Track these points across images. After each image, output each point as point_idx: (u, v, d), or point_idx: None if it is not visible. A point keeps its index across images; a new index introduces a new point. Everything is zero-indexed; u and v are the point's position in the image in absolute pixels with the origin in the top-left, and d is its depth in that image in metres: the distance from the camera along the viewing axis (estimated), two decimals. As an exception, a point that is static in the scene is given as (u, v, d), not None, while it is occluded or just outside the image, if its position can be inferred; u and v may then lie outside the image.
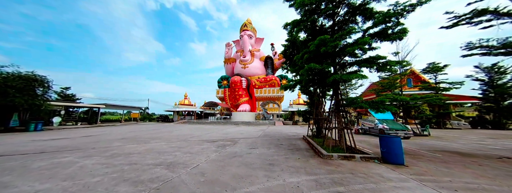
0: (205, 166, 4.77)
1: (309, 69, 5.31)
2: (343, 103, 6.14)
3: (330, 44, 4.96)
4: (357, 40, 4.97)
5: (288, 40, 9.05)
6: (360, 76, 4.95)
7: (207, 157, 5.85)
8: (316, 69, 5.18)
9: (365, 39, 4.67)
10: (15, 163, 4.99)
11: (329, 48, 4.97)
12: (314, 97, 9.34)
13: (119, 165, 4.86)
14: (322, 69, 5.35)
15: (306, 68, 5.40)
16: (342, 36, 5.22)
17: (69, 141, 9.46)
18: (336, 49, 5.24)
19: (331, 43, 4.95)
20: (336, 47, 5.09)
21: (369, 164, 4.79)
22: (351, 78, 5.04)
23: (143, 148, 7.55)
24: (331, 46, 4.97)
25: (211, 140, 10.03)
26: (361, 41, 4.72)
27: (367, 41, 4.70)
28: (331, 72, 5.89)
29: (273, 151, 6.71)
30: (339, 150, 5.71)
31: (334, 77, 5.12)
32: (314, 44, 5.32)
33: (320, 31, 6.75)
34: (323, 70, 5.50)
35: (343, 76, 5.04)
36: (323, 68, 5.27)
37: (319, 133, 9.46)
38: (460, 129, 18.52)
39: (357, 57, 5.75)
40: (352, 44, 5.15)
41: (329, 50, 5.00)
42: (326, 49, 5.01)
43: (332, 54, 5.77)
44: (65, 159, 5.56)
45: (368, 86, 35.17)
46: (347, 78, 5.01)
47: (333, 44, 4.94)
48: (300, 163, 4.86)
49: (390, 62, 5.00)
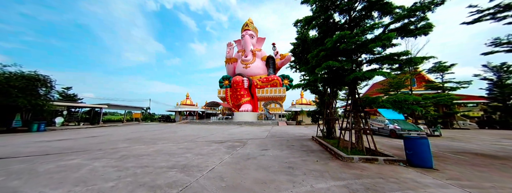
0: (221, 169, 4.53)
1: (327, 67, 5.06)
2: (360, 103, 5.90)
3: (351, 40, 4.71)
4: (380, 35, 4.70)
5: (298, 38, 8.82)
6: (385, 74, 4.67)
7: (220, 159, 5.62)
8: (334, 66, 4.93)
9: (390, 35, 4.40)
10: (21, 166, 4.76)
11: (350, 44, 4.72)
12: (325, 96, 9.11)
13: (131, 168, 4.63)
14: (341, 67, 5.10)
15: (323, 66, 5.15)
16: (364, 31, 4.97)
17: (73, 142, 9.24)
18: (355, 45, 4.96)
19: (352, 39, 4.70)
20: (357, 43, 4.83)
21: (395, 168, 4.54)
22: (374, 75, 4.77)
23: (151, 149, 7.32)
24: (352, 43, 4.72)
25: (219, 141, 9.79)
26: (385, 37, 4.46)
27: (392, 37, 4.44)
28: (350, 70, 5.63)
29: (286, 152, 6.48)
30: (357, 152, 5.47)
31: (355, 75, 4.86)
32: (332, 40, 5.07)
33: (335, 28, 6.51)
34: (342, 68, 5.24)
35: (365, 74, 4.78)
36: (342, 65, 5.02)
37: (330, 134, 9.21)
38: (468, 129, 18.26)
39: (377, 54, 5.47)
40: (373, 39, 4.87)
41: (349, 46, 4.75)
42: (346, 45, 4.76)
43: (350, 51, 5.53)
44: (72, 161, 5.33)
45: (370, 86, 34.92)
46: (370, 76, 4.75)
47: (354, 40, 4.69)
48: (320, 166, 4.62)
49: (415, 58, 4.72)
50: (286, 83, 38.67)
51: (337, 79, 5.89)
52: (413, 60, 4.71)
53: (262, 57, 42.06)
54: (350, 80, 5.11)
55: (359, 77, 4.86)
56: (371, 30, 4.93)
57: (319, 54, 5.64)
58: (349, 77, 5.03)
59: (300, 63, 9.48)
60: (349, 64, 5.15)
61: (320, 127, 10.03)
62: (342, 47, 4.82)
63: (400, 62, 4.92)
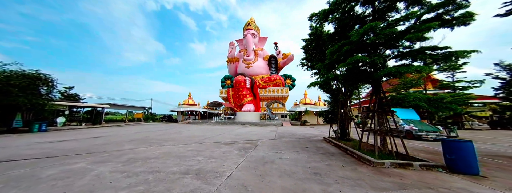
0: (241, 175, 4.12)
1: (354, 62, 4.62)
2: (386, 102, 5.47)
3: (383, 31, 4.27)
4: (418, 26, 4.24)
5: (312, 34, 8.39)
6: (425, 68, 4.20)
7: (236, 163, 5.21)
8: (363, 61, 4.49)
9: (431, 24, 3.95)
10: (21, 171, 4.36)
11: (381, 36, 4.29)
12: (340, 95, 8.68)
13: (141, 174, 4.22)
14: (370, 62, 4.66)
15: (348, 61, 4.71)
16: (397, 22, 4.52)
17: (76, 143, 8.85)
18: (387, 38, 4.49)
19: (384, 31, 4.27)
20: (390, 35, 4.39)
21: (437, 174, 4.08)
22: (409, 71, 4.29)
23: (158, 151, 6.92)
24: (384, 35, 4.29)
25: (227, 142, 9.38)
26: (424, 27, 4.01)
27: (433, 27, 3.99)
28: (379, 65, 5.18)
29: (304, 156, 6.05)
30: (385, 156, 5.05)
31: (389, 71, 4.42)
32: (358, 33, 4.64)
33: (356, 21, 6.07)
34: (370, 63, 4.80)
35: (400, 69, 4.33)
36: (373, 60, 4.58)
37: (344, 135, 8.79)
38: (480, 130, 17.77)
39: (406, 48, 5.02)
40: (404, 32, 4.41)
41: (381, 39, 4.31)
42: (377, 38, 4.33)
43: (376, 45, 5.10)
44: (77, 165, 4.93)
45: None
46: (406, 71, 4.30)
47: (387, 32, 4.25)
48: (350, 172, 4.19)
49: (458, 52, 4.24)
50: (288, 83, 38.25)
51: (361, 76, 5.45)
52: (456, 54, 4.19)
53: (264, 57, 41.66)
54: (379, 76, 4.68)
55: (392, 73, 4.42)
56: (407, 20, 4.48)
57: (341, 48, 5.21)
58: (379, 73, 4.59)
59: (312, 60, 9.04)
60: (381, 58, 4.71)
61: (333, 127, 9.60)
62: (371, 40, 4.39)
63: (437, 56, 4.48)
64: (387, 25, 4.53)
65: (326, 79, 6.51)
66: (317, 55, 8.61)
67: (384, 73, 4.51)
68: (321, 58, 8.58)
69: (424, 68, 4.15)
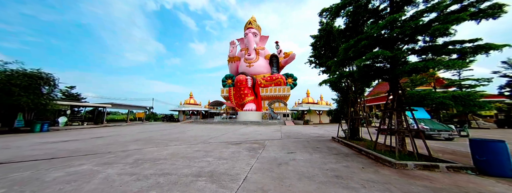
0: (257, 178, 3.89)
1: (373, 57, 4.37)
2: (406, 99, 5.23)
3: (408, 24, 4.01)
4: (443, 18, 3.98)
5: (322, 30, 8.14)
6: (458, 64, 3.90)
7: (248, 164, 4.98)
8: (385, 56, 4.24)
9: (461, 15, 3.68)
10: (25, 174, 4.14)
11: (406, 29, 4.02)
12: (350, 94, 8.44)
13: (151, 176, 4.00)
14: (393, 57, 4.40)
15: (368, 57, 4.46)
16: (423, 13, 4.26)
17: (80, 143, 8.64)
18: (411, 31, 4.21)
19: (409, 23, 4.00)
20: (415, 28, 4.12)
21: (469, 177, 3.85)
22: (440, 65, 3.99)
23: (165, 152, 6.70)
24: (409, 27, 4.02)
25: (233, 142, 9.17)
26: (452, 18, 3.73)
27: (462, 18, 3.72)
28: (400, 61, 4.91)
29: (318, 156, 5.82)
30: (406, 157, 4.81)
31: (414, 66, 4.14)
32: (379, 26, 4.39)
33: (370, 15, 5.81)
34: (392, 58, 4.53)
35: (428, 64, 4.03)
36: (396, 55, 4.33)
37: (354, 135, 8.55)
38: (488, 129, 17.53)
39: (428, 42, 4.75)
40: (429, 24, 4.13)
41: (408, 31, 4.04)
42: (402, 31, 4.07)
43: (394, 40, 4.84)
44: (83, 167, 4.72)
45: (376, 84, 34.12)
46: (434, 66, 4.01)
47: (413, 24, 3.99)
48: (373, 174, 3.96)
49: (491, 45, 3.93)
50: (290, 82, 37.98)
51: (378, 72, 5.20)
52: (487, 46, 3.88)
53: (266, 56, 41.39)
54: (401, 72, 4.42)
55: (418, 68, 4.15)
56: (433, 11, 4.21)
57: (358, 43, 4.96)
58: (402, 68, 4.32)
59: (321, 58, 8.78)
60: (404, 53, 4.46)
61: (342, 127, 9.36)
62: (394, 33, 4.12)
63: (466, 50, 4.20)
64: (410, 17, 4.28)
65: (339, 76, 6.26)
66: (327, 52, 8.36)
67: (408, 68, 4.24)
68: (331, 55, 8.34)
69: (457, 63, 3.86)
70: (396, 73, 4.67)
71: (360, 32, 6.75)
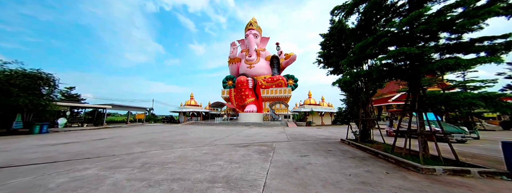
0: (278, 184, 3.62)
1: (397, 55, 4.13)
2: (428, 100, 5.01)
3: (436, 19, 3.79)
4: (473, 13, 3.75)
5: (333, 28, 7.93)
6: (494, 59, 3.64)
7: (263, 168, 4.72)
8: (412, 53, 3.99)
9: (492, 8, 3.44)
10: (27, 180, 3.85)
11: (433, 25, 3.79)
12: (361, 94, 8.22)
13: (163, 182, 3.72)
14: (418, 55, 4.16)
15: (390, 54, 4.22)
16: (450, 8, 4.03)
17: (81, 145, 8.33)
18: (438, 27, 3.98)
19: (437, 18, 3.77)
20: (443, 23, 3.88)
21: (507, 184, 3.60)
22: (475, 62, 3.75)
23: (172, 155, 6.42)
24: (435, 23, 3.80)
25: (240, 144, 8.90)
26: (483, 12, 3.50)
27: (493, 11, 3.48)
28: (425, 59, 4.68)
29: (334, 160, 5.57)
30: (431, 161, 4.57)
31: (444, 63, 3.89)
32: (402, 22, 4.17)
33: (386, 13, 5.60)
34: (419, 56, 4.30)
35: (460, 61, 3.78)
36: (423, 51, 4.09)
37: (365, 137, 8.31)
38: (493, 131, 17.38)
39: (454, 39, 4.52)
40: (456, 18, 3.91)
41: (434, 27, 3.82)
42: (427, 27, 3.84)
43: (413, 38, 4.62)
44: (88, 171, 4.43)
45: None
46: (468, 64, 3.78)
47: (442, 19, 3.76)
48: (402, 181, 3.69)
49: None
50: (290, 83, 37.86)
51: (397, 71, 4.96)
52: None
53: (266, 57, 41.28)
54: (427, 70, 4.18)
55: (448, 66, 3.90)
56: (461, 6, 3.99)
57: (377, 41, 4.74)
58: (431, 66, 4.07)
59: (331, 57, 8.55)
60: (432, 50, 4.23)
61: (352, 128, 9.12)
62: (419, 29, 3.89)
63: (498, 46, 3.97)
64: (437, 12, 4.07)
65: (355, 76, 6.04)
66: (338, 51, 8.14)
67: (437, 66, 4.00)
68: (341, 55, 8.12)
69: (494, 59, 3.63)
70: (422, 71, 4.44)
71: (372, 31, 6.54)
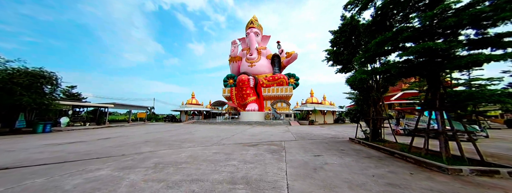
0: (301, 186, 3.50)
1: (421, 51, 3.98)
2: (450, 98, 4.89)
3: (468, 12, 3.61)
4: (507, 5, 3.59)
5: (344, 25, 7.78)
6: None
7: (280, 169, 4.60)
8: (437, 49, 3.85)
9: None
10: (40, 181, 3.71)
11: (464, 18, 3.61)
12: (372, 92, 8.10)
13: (182, 183, 3.60)
14: (446, 49, 4.00)
15: (414, 50, 4.05)
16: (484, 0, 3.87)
17: (88, 145, 8.20)
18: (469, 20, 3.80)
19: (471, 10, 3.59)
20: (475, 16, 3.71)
21: None
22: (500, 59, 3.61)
23: (183, 154, 6.29)
24: (467, 16, 3.63)
25: (248, 143, 8.78)
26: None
27: None
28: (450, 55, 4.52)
29: (350, 160, 5.45)
30: (454, 161, 4.45)
31: (476, 59, 3.72)
32: (427, 15, 4.02)
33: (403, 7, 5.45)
34: (445, 51, 4.14)
35: (493, 56, 3.59)
36: (451, 47, 3.94)
37: (376, 136, 8.20)
38: (499, 129, 17.33)
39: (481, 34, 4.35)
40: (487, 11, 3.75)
41: (465, 20, 3.65)
42: (458, 20, 3.66)
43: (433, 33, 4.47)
44: (101, 172, 4.30)
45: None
46: (497, 59, 3.62)
47: (474, 11, 3.58)
48: (431, 182, 3.57)
49: None
50: (292, 82, 37.66)
51: (418, 68, 4.82)
52: None
53: (267, 56, 41.06)
54: (454, 66, 4.03)
55: (476, 62, 3.75)
56: None
57: (397, 36, 4.59)
58: (458, 62, 3.91)
59: (341, 54, 8.39)
60: (460, 45, 4.08)
61: (361, 127, 9.02)
62: (450, 22, 3.73)
63: None
64: (467, 5, 3.91)
65: (371, 73, 5.89)
66: (349, 48, 7.99)
67: (465, 62, 3.82)
68: (353, 52, 7.98)
69: None
70: (447, 68, 4.31)
71: (388, 27, 6.39)
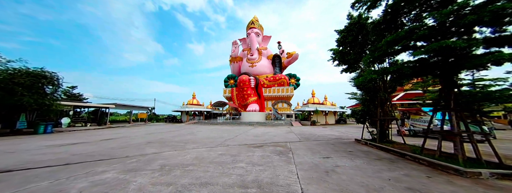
0: (316, 191, 3.35)
1: (438, 49, 3.85)
2: (462, 98, 4.77)
3: (489, 7, 3.47)
4: None
5: (352, 24, 7.65)
6: None
7: (290, 172, 4.46)
8: (455, 47, 3.72)
9: None
10: (45, 185, 3.58)
11: (486, 14, 3.48)
12: (380, 92, 7.96)
13: (191, 187, 3.47)
14: (465, 48, 3.88)
15: (431, 48, 3.91)
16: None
17: (91, 146, 8.07)
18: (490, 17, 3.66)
19: (495, 5, 3.46)
20: (496, 12, 3.58)
21: None
22: None
23: (188, 156, 6.16)
24: (488, 13, 3.48)
25: (253, 144, 8.65)
26: None
27: None
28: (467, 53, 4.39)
29: (361, 162, 5.31)
30: (472, 163, 4.32)
31: (501, 57, 3.60)
32: (442, 13, 3.88)
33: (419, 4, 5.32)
34: (464, 49, 4.01)
35: None
36: (470, 45, 3.82)
37: (384, 137, 8.07)
38: (504, 130, 17.20)
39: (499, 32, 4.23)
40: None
41: (486, 18, 3.51)
42: (478, 17, 3.54)
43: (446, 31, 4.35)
44: (107, 175, 4.17)
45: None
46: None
47: (496, 8, 3.44)
48: (451, 186, 3.41)
49: None
50: (293, 82, 37.51)
51: (432, 67, 4.69)
52: None
53: (268, 56, 40.96)
54: (474, 65, 3.91)
55: (499, 61, 3.62)
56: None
57: (411, 34, 4.46)
58: (478, 61, 3.78)
59: (348, 54, 8.26)
60: (480, 43, 3.96)
61: (368, 128, 8.88)
62: (469, 20, 3.61)
63: None
64: (487, 1, 3.79)
65: (382, 72, 5.77)
66: (356, 47, 7.87)
67: (486, 61, 3.68)
68: (360, 51, 7.86)
69: None
70: (466, 67, 4.18)
71: (398, 25, 6.27)
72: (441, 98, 5.26)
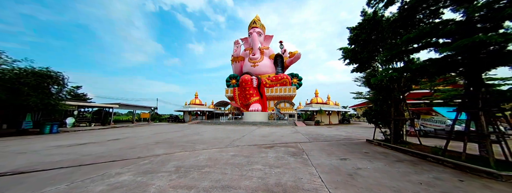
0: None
1: (469, 45, 3.67)
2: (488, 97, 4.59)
3: None
4: None
5: (365, 20, 7.46)
6: None
7: (312, 174, 4.30)
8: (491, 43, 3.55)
9: None
10: (62, 188, 3.43)
11: None
12: (394, 92, 7.78)
13: (213, 191, 3.31)
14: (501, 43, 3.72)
15: (461, 44, 3.74)
16: None
17: (100, 146, 7.94)
18: None
19: None
20: None
21: None
22: None
23: (201, 157, 6.01)
24: None
25: (263, 145, 8.50)
26: None
27: None
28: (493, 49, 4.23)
29: (382, 164, 5.14)
30: (504, 166, 4.14)
31: None
32: (474, 7, 3.70)
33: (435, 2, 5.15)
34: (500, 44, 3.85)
35: None
36: (507, 40, 3.65)
37: (398, 138, 7.88)
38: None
39: None
40: None
41: None
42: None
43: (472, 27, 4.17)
44: (123, 177, 4.02)
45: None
46: None
47: None
48: (492, 191, 3.26)
49: None
50: (295, 82, 37.26)
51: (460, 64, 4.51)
52: None
53: (270, 55, 40.77)
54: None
55: None
56: None
57: (437, 31, 4.28)
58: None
59: (361, 52, 8.06)
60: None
61: (381, 129, 8.70)
62: (508, 12, 3.44)
63: None
64: None
65: (403, 70, 5.59)
66: (370, 46, 7.67)
67: None
68: (374, 49, 7.67)
69: None
70: (498, 64, 4.01)
71: (416, 22, 6.08)
72: (466, 97, 5.08)
